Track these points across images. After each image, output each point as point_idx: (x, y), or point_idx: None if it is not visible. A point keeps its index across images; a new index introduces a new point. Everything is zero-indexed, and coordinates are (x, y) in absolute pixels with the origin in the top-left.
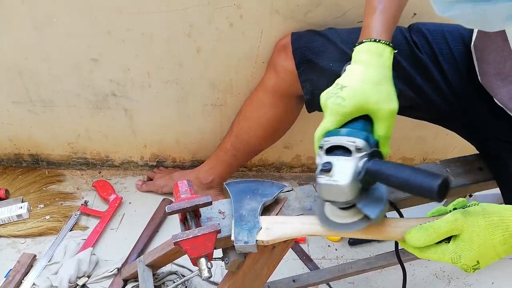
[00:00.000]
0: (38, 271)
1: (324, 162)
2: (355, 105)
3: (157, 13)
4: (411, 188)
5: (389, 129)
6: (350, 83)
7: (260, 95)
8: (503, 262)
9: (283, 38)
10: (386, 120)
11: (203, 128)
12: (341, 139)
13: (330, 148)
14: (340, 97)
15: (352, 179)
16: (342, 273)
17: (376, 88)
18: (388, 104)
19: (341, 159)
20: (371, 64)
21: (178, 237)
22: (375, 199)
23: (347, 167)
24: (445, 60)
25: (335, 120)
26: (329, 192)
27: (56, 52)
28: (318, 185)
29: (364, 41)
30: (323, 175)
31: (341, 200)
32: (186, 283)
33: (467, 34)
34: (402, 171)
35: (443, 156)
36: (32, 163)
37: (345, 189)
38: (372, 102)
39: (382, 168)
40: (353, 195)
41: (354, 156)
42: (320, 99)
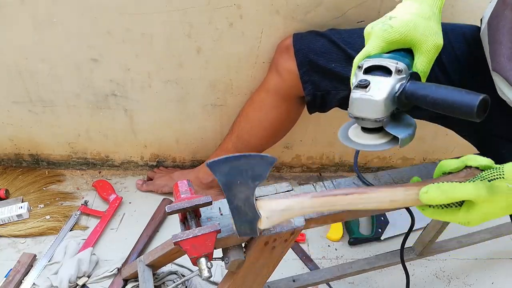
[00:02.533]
0: (38, 271)
1: (361, 79)
2: (402, 34)
3: (157, 13)
4: (450, 105)
5: (429, 64)
6: (400, 14)
7: (262, 96)
8: (503, 262)
9: (285, 39)
10: (429, 53)
11: (203, 128)
12: (383, 60)
13: (368, 68)
14: (388, 24)
15: (388, 95)
16: (342, 273)
17: (425, 22)
18: (434, 38)
19: (379, 78)
20: (424, 1)
21: (178, 237)
22: (404, 124)
23: (385, 85)
24: (446, 58)
25: (379, 46)
26: (361, 106)
27: (56, 52)
28: (350, 100)
29: None
30: (358, 90)
31: (372, 117)
32: (186, 283)
33: (468, 32)
34: (440, 90)
35: (443, 156)
36: (32, 163)
37: (379, 104)
38: (418, 34)
39: (419, 87)
40: (385, 113)
41: (394, 77)
42: (366, 29)
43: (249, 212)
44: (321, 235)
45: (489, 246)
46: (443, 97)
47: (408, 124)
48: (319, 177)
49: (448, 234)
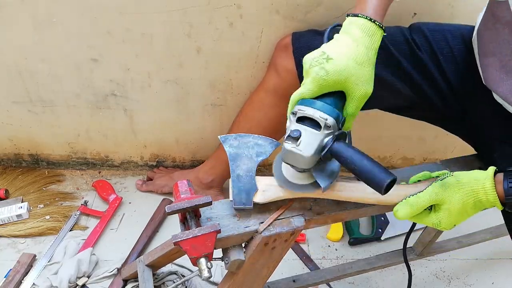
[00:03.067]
0: (38, 271)
1: (294, 129)
2: (336, 81)
3: (157, 13)
4: (364, 177)
5: (358, 109)
6: (337, 57)
7: (261, 95)
8: (503, 262)
9: (284, 38)
10: (359, 100)
11: (203, 128)
12: (314, 112)
13: (301, 117)
14: (324, 69)
15: (315, 152)
16: (342, 273)
17: (359, 69)
18: (365, 87)
19: (309, 131)
20: (361, 43)
21: (178, 237)
22: (329, 172)
23: (313, 140)
24: (445, 59)
25: (313, 90)
26: (291, 158)
27: (56, 52)
28: (283, 148)
29: (360, 15)
30: (290, 141)
31: (300, 167)
32: (186, 283)
33: (467, 33)
34: (361, 160)
35: (443, 156)
36: (32, 163)
37: (307, 159)
38: (351, 82)
39: (344, 151)
40: (311, 165)
41: (323, 132)
42: (304, 63)
43: (248, 182)
44: (321, 235)
45: (489, 246)
46: (362, 168)
47: (331, 171)
48: None
49: (448, 234)
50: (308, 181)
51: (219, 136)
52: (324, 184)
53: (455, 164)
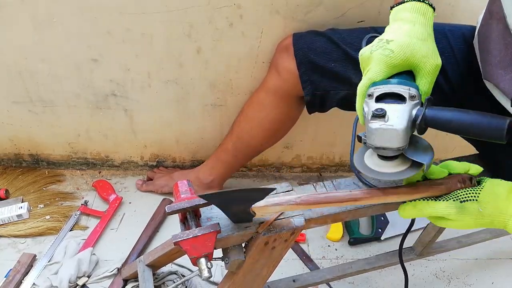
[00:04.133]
0: (38, 271)
1: (377, 108)
2: (403, 58)
3: (157, 13)
4: (478, 130)
5: (431, 84)
6: (397, 38)
7: (262, 95)
8: (503, 262)
9: (285, 38)
10: (430, 75)
11: (203, 128)
12: (394, 87)
13: (378, 96)
14: (388, 49)
15: (408, 123)
16: (342, 273)
17: (422, 44)
18: (434, 59)
19: (395, 106)
20: (417, 22)
21: (178, 237)
22: (422, 148)
23: (403, 113)
24: (446, 59)
25: (382, 71)
26: (382, 137)
27: (56, 52)
28: (369, 131)
29: (406, 0)
30: (376, 120)
31: (394, 146)
32: (186, 283)
33: (468, 33)
34: (466, 115)
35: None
36: (32, 163)
37: (401, 133)
38: (419, 56)
39: (442, 113)
40: (406, 140)
41: (409, 103)
42: (362, 53)
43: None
44: (321, 235)
45: (489, 246)
46: (470, 122)
47: (425, 147)
48: (319, 177)
49: (448, 234)
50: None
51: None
52: (425, 160)
53: None
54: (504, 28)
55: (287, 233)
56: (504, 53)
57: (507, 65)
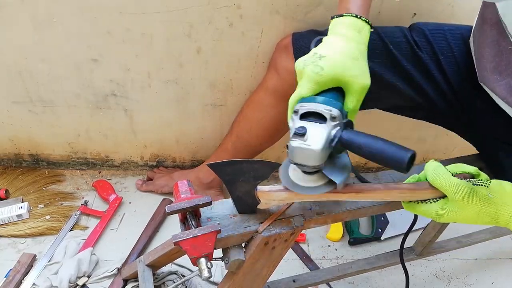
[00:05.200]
0: (38, 271)
1: (298, 126)
2: (332, 76)
3: (157, 13)
4: (382, 158)
5: (358, 102)
6: (329, 54)
7: (261, 95)
8: (503, 262)
9: (284, 38)
10: (358, 94)
11: (203, 128)
12: (318, 106)
13: (304, 114)
14: (318, 66)
15: (325, 145)
16: (342, 273)
17: (353, 63)
18: (363, 79)
19: (315, 125)
20: (351, 39)
21: (178, 237)
22: (340, 166)
23: (321, 133)
24: (445, 59)
25: (311, 88)
26: (300, 155)
27: (56, 52)
28: (290, 147)
29: (345, 15)
30: (296, 139)
31: (310, 164)
32: (186, 283)
33: (467, 33)
34: (375, 142)
35: (443, 156)
36: (32, 163)
37: (317, 153)
38: (348, 75)
39: (355, 138)
40: (322, 160)
41: (329, 124)
42: (296, 66)
43: (250, 200)
44: (321, 235)
45: (489, 246)
46: (378, 150)
47: (343, 165)
48: None
49: (448, 234)
50: (320, 182)
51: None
52: (338, 179)
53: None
54: (498, 34)
55: (287, 233)
56: (499, 58)
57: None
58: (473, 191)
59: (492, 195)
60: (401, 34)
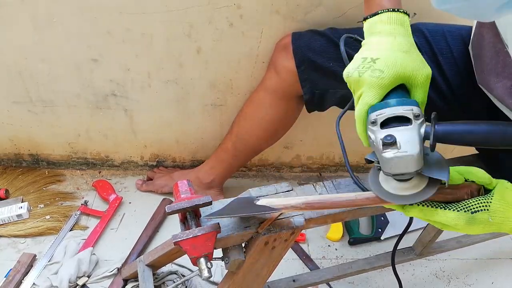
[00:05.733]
0: (38, 271)
1: (385, 135)
2: (394, 76)
3: (157, 13)
4: (495, 140)
5: (426, 93)
6: (381, 55)
7: (261, 95)
8: (503, 262)
9: (283, 37)
10: (423, 85)
11: (203, 128)
12: (396, 109)
13: (384, 121)
14: (376, 69)
15: (420, 146)
16: (342, 273)
17: (408, 56)
18: (423, 70)
19: (402, 129)
20: (397, 33)
21: (178, 237)
22: (436, 162)
23: (412, 136)
24: (444, 60)
25: (377, 94)
26: (398, 165)
27: (56, 52)
28: (383, 161)
29: (380, 12)
30: (389, 149)
31: (412, 171)
32: (186, 283)
33: (466, 34)
34: (478, 127)
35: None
36: (32, 163)
37: (416, 158)
38: (408, 70)
39: (452, 128)
40: (422, 162)
41: (415, 124)
42: (349, 75)
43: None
44: (321, 235)
45: (489, 246)
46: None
47: (438, 161)
48: (319, 177)
49: (448, 234)
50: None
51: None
52: (443, 176)
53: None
54: (494, 36)
55: (287, 233)
56: (496, 60)
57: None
58: (472, 220)
59: (493, 217)
60: None
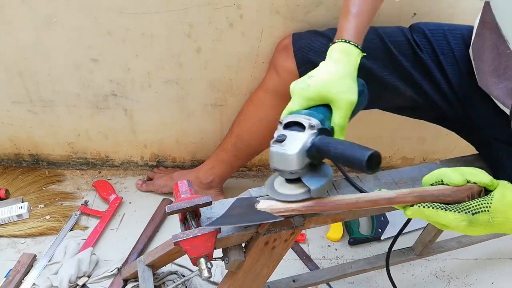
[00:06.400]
0: (38, 271)
1: (279, 134)
2: (317, 91)
3: (157, 13)
4: (344, 159)
5: (345, 118)
6: (317, 74)
7: (261, 95)
8: (503, 262)
9: (284, 38)
10: (343, 109)
11: (203, 128)
12: (299, 116)
13: (288, 123)
14: (305, 82)
15: (300, 150)
16: (342, 273)
17: (339, 81)
18: (348, 95)
19: (294, 133)
20: (340, 61)
21: (178, 237)
22: (320, 175)
23: (298, 140)
24: (446, 59)
25: (299, 103)
26: (277, 160)
27: (56, 52)
28: (270, 154)
29: (337, 41)
30: (275, 144)
31: (287, 169)
32: (186, 283)
33: (467, 33)
34: (339, 144)
35: (443, 156)
36: (32, 163)
37: (292, 158)
38: (333, 91)
39: (325, 142)
40: (298, 166)
41: (307, 132)
42: (291, 87)
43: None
44: (321, 235)
45: (489, 246)
46: (340, 151)
47: (324, 174)
48: None
49: (448, 234)
50: (299, 190)
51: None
52: (313, 185)
53: (455, 164)
54: (497, 37)
55: (287, 233)
56: (498, 62)
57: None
58: (473, 221)
59: (494, 218)
60: (402, 34)
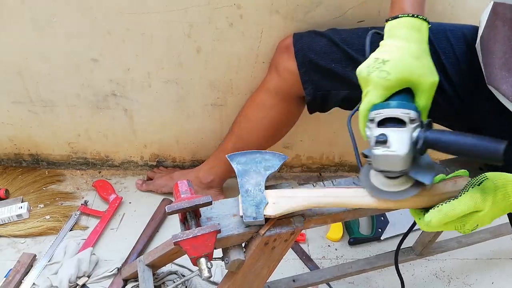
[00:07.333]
0: (38, 271)
1: (379, 134)
2: (399, 78)
3: (157, 13)
4: (476, 153)
5: (429, 100)
6: (392, 57)
7: (262, 95)
8: (503, 262)
9: (285, 39)
10: (428, 91)
11: (203, 128)
12: (394, 111)
13: (381, 120)
14: (384, 70)
15: (409, 148)
16: (342, 273)
17: (418, 62)
18: (430, 77)
19: (395, 130)
20: (411, 39)
21: (178, 237)
22: (426, 166)
23: (403, 137)
24: (447, 59)
25: (381, 94)
26: (385, 162)
27: (56, 52)
28: (373, 157)
29: (401, 16)
30: (379, 147)
31: (397, 170)
32: (186, 283)
33: (468, 33)
34: (465, 139)
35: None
36: (32, 163)
37: (403, 158)
38: (415, 75)
39: (442, 137)
40: (409, 164)
41: (409, 127)
42: (360, 73)
43: (258, 196)
44: (321, 235)
45: (489, 246)
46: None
47: (428, 165)
48: (319, 177)
49: (448, 234)
50: (406, 185)
51: (227, 156)
52: (427, 179)
53: (455, 164)
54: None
55: (287, 233)
56: (509, 55)
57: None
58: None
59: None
60: None
